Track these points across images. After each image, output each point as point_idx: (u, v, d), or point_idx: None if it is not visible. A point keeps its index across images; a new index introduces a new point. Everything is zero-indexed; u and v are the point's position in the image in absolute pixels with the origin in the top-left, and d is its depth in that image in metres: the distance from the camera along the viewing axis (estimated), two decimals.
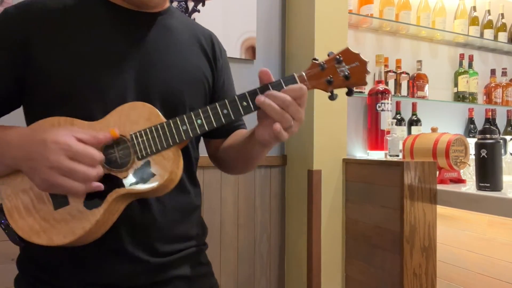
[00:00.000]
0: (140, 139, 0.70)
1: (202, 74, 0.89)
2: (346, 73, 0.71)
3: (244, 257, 1.82)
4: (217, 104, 0.70)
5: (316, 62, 0.72)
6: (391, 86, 2.05)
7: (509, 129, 2.40)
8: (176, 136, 0.70)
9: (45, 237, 0.69)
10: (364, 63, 0.72)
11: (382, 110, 1.95)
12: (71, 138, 0.64)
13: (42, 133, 0.66)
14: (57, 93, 0.73)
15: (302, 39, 1.79)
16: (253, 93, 0.70)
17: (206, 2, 1.71)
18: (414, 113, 2.14)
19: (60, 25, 0.75)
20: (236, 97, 0.70)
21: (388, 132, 1.85)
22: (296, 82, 0.70)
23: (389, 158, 1.79)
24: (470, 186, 1.49)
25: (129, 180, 0.69)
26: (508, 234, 1.37)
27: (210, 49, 0.93)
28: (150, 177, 0.69)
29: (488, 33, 2.38)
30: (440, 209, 1.47)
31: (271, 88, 0.70)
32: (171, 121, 0.70)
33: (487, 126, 1.46)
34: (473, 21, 2.33)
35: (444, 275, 1.57)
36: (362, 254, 1.64)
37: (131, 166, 0.70)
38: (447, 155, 1.53)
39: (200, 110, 0.70)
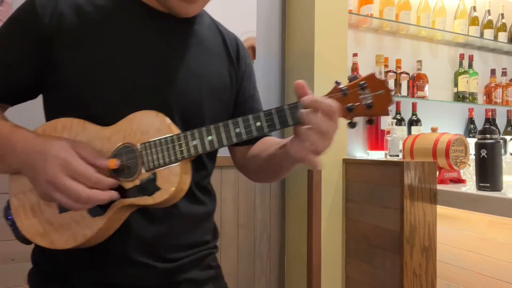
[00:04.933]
0: (148, 151, 0.68)
1: (226, 85, 0.86)
2: (369, 102, 0.66)
3: (244, 257, 1.82)
4: (230, 121, 0.67)
5: (339, 86, 0.67)
6: (391, 86, 2.06)
7: (509, 129, 2.40)
8: (185, 151, 0.68)
9: (48, 240, 0.69)
10: (389, 93, 0.66)
11: None
12: (71, 154, 0.64)
13: (45, 143, 0.65)
14: (76, 94, 0.72)
15: (302, 39, 1.79)
16: (267, 114, 0.67)
17: None
18: (414, 113, 2.14)
19: (89, 23, 0.74)
20: (250, 117, 0.67)
21: (388, 132, 1.85)
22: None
23: (389, 158, 1.79)
24: (470, 186, 1.49)
25: (135, 191, 0.68)
26: (508, 234, 1.37)
27: (235, 55, 0.90)
28: (155, 190, 0.67)
29: (488, 33, 2.37)
30: (440, 209, 1.47)
31: (287, 111, 0.66)
32: (181, 134, 0.68)
33: (487, 126, 1.46)
34: (473, 21, 2.33)
35: (444, 275, 1.56)
36: (362, 254, 1.64)
37: (137, 177, 0.68)
38: (447, 155, 1.53)
39: (211, 127, 0.68)
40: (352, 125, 0.67)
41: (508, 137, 1.91)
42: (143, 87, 0.74)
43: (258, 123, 0.67)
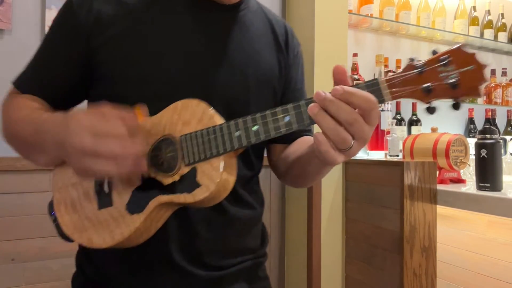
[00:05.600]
0: (189, 143, 0.62)
1: (275, 75, 0.81)
2: (453, 80, 0.54)
3: None
4: (278, 109, 0.59)
5: (413, 63, 0.56)
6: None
7: (509, 129, 2.40)
8: (227, 143, 0.61)
9: (86, 237, 0.66)
10: (481, 68, 0.54)
11: (382, 110, 1.95)
12: (93, 116, 0.57)
13: (69, 117, 0.60)
14: (118, 88, 0.70)
15: (302, 39, 1.79)
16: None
17: None
18: (414, 113, 2.14)
19: (130, 15, 0.71)
20: (302, 103, 0.57)
21: (388, 132, 1.85)
22: (380, 90, 0.55)
23: (389, 158, 1.79)
24: (470, 186, 1.49)
25: (173, 187, 0.63)
26: (508, 234, 1.37)
27: (284, 43, 0.84)
28: (195, 187, 0.61)
29: (488, 33, 2.38)
30: (440, 209, 1.47)
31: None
32: (224, 125, 0.61)
33: (487, 126, 1.46)
34: (473, 21, 2.33)
35: (444, 275, 1.56)
36: (362, 254, 1.64)
37: (177, 172, 0.63)
38: (447, 155, 1.53)
39: (258, 115, 0.60)
40: (431, 110, 0.56)
41: (508, 137, 1.91)
42: (185, 79, 0.71)
43: None
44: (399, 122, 2.05)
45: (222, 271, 0.74)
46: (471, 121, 2.33)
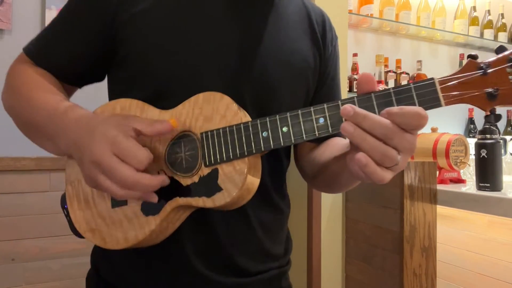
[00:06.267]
0: (210, 141, 0.57)
1: (309, 66, 0.74)
2: None
3: None
4: (312, 108, 0.53)
5: (475, 61, 0.47)
6: (391, 86, 2.06)
7: (509, 129, 2.40)
8: (253, 145, 0.55)
9: (99, 237, 0.62)
10: None
11: None
12: (122, 131, 0.54)
13: (96, 122, 0.57)
14: (141, 70, 0.65)
15: None
16: (365, 100, 0.50)
17: None
18: None
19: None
20: (340, 102, 0.52)
21: None
22: (436, 92, 0.47)
23: None
24: (470, 186, 1.49)
25: (192, 189, 0.58)
26: (508, 234, 1.37)
27: (321, 34, 0.78)
28: (216, 191, 0.56)
29: (488, 33, 2.38)
30: (440, 209, 1.47)
31: (374, 100, 0.49)
32: (250, 123, 0.56)
33: (487, 126, 1.46)
34: (473, 21, 2.33)
35: (444, 275, 1.56)
36: (362, 254, 1.64)
37: (196, 172, 0.58)
38: (447, 155, 1.53)
39: (288, 114, 0.54)
40: (495, 118, 0.49)
41: (508, 137, 1.91)
42: (213, 68, 0.65)
43: None
44: None
45: (244, 279, 0.69)
46: (471, 121, 2.33)
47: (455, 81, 0.47)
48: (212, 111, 0.58)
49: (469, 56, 0.48)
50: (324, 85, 0.79)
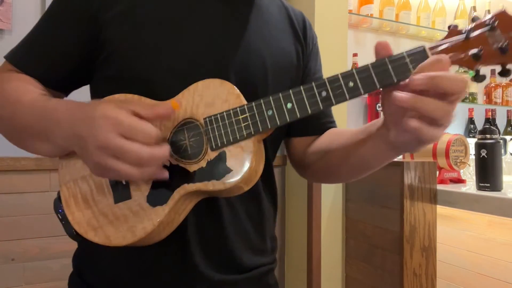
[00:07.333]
0: (215, 125, 0.57)
1: (292, 63, 0.76)
2: (503, 45, 0.51)
3: None
4: (314, 83, 0.54)
5: (456, 29, 0.53)
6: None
7: (509, 129, 2.40)
8: (259, 124, 0.56)
9: (102, 235, 0.59)
10: None
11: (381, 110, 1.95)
12: (123, 112, 0.53)
13: (92, 107, 0.55)
14: (128, 68, 0.64)
15: None
16: (362, 71, 0.53)
17: None
18: None
19: None
20: (339, 76, 0.53)
21: None
22: (427, 57, 0.51)
23: None
24: (470, 186, 1.49)
25: (200, 174, 0.57)
26: (508, 234, 1.37)
27: (302, 32, 0.80)
28: (225, 172, 0.56)
29: None
30: (440, 209, 1.47)
31: (388, 63, 0.52)
32: (254, 103, 0.57)
33: (487, 126, 1.46)
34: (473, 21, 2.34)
35: (444, 275, 1.56)
36: (362, 254, 1.64)
37: (203, 157, 0.58)
38: (447, 155, 1.53)
39: (291, 91, 0.55)
40: (480, 78, 0.53)
41: (508, 137, 1.91)
42: (199, 62, 0.66)
43: (351, 83, 0.53)
44: None
45: (234, 275, 0.70)
46: (471, 121, 2.33)
47: (443, 47, 0.52)
48: (213, 96, 0.59)
49: (450, 26, 0.54)
50: (310, 80, 0.80)
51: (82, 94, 0.75)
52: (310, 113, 0.55)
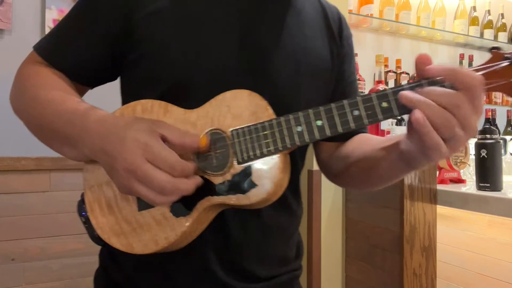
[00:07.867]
0: (242, 138, 0.57)
1: (327, 66, 0.74)
2: None
3: None
4: (345, 102, 0.53)
5: (499, 52, 0.51)
6: (391, 86, 2.06)
7: (509, 129, 2.40)
8: (287, 139, 0.55)
9: (125, 242, 0.60)
10: None
11: None
12: (153, 136, 0.53)
13: (124, 127, 0.55)
14: (158, 70, 0.64)
15: None
16: (398, 91, 0.51)
17: None
18: None
19: None
20: (373, 95, 0.52)
21: (388, 132, 1.85)
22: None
23: None
24: (470, 186, 1.49)
25: (225, 187, 0.57)
26: (508, 234, 1.37)
27: (338, 32, 0.78)
28: (250, 187, 0.56)
29: (488, 33, 2.38)
30: (440, 209, 1.47)
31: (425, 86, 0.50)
32: (282, 118, 0.56)
33: (487, 126, 1.46)
34: (473, 21, 2.34)
35: (444, 275, 1.56)
36: (362, 254, 1.64)
37: (228, 171, 0.57)
38: None
39: (321, 108, 0.54)
40: None
41: (508, 137, 1.91)
42: (229, 66, 0.64)
43: (385, 104, 0.51)
44: (399, 122, 2.05)
45: (257, 284, 0.69)
46: None
47: (485, 71, 0.50)
48: (240, 108, 0.58)
49: (493, 48, 0.51)
50: (344, 83, 0.79)
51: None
52: (340, 132, 0.54)
